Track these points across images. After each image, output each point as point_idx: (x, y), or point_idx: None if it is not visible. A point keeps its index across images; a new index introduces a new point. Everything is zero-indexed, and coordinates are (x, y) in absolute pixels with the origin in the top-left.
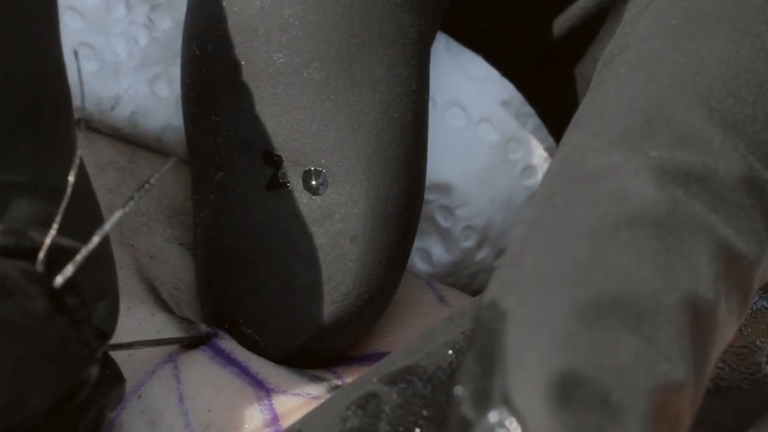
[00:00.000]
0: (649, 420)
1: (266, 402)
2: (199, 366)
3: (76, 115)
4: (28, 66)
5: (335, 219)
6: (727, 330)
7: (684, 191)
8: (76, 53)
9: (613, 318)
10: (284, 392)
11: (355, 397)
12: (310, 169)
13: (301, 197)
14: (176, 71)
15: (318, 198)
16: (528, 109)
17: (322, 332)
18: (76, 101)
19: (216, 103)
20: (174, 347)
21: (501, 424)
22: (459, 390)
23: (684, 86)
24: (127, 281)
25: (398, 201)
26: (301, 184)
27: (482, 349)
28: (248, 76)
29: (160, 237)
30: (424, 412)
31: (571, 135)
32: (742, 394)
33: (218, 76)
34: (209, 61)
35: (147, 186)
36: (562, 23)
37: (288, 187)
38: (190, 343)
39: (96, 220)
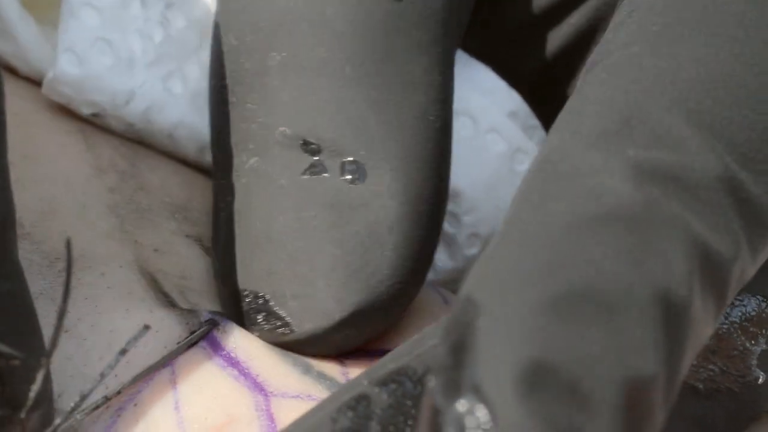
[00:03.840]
0: (619, 411)
1: (264, 408)
2: (197, 370)
3: (90, 111)
4: None
5: (372, 208)
6: (703, 327)
7: (660, 190)
8: None
9: (585, 310)
10: (283, 395)
11: (345, 399)
12: (348, 160)
13: (338, 185)
14: (190, 69)
15: (355, 187)
16: (534, 121)
17: (353, 316)
18: (94, 95)
19: (252, 92)
20: (172, 347)
21: (470, 411)
22: (431, 380)
23: (663, 88)
24: (125, 280)
25: (430, 200)
26: (338, 173)
27: (455, 341)
28: (290, 66)
29: (166, 230)
30: (414, 412)
31: (551, 136)
32: (733, 397)
33: (257, 66)
34: (248, 50)
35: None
36: (555, 40)
37: (325, 175)
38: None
39: (29, 324)
